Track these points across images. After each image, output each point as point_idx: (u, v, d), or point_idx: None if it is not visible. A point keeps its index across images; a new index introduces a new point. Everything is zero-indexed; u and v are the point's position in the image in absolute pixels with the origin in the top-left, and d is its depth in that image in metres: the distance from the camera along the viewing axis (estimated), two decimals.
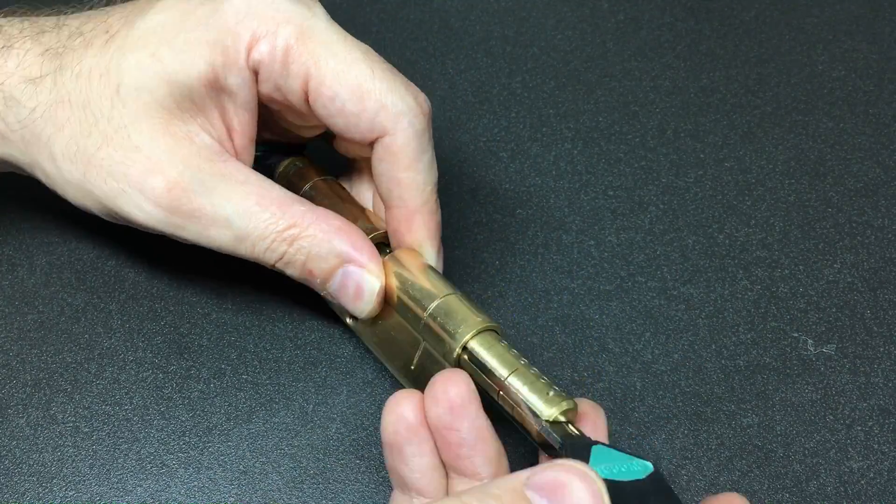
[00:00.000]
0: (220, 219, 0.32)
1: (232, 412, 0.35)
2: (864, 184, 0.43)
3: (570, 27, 0.49)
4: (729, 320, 0.38)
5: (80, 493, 0.33)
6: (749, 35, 0.49)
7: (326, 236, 0.32)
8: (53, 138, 0.32)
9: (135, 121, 0.31)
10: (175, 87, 0.31)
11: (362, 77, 0.32)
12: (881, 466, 0.34)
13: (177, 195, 0.31)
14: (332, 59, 0.32)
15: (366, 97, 0.32)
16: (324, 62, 0.31)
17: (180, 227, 0.32)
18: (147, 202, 0.31)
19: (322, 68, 0.31)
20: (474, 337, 0.31)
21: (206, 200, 0.31)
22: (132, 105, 0.31)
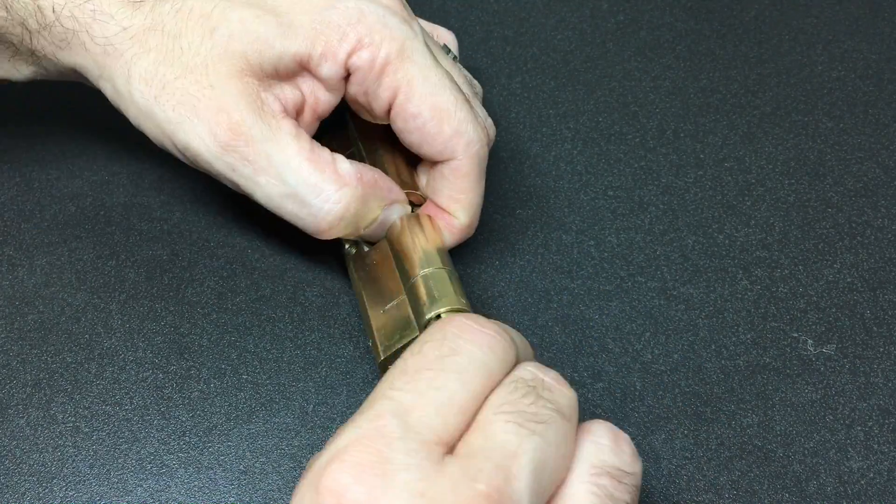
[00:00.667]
0: (272, 169, 0.33)
1: (232, 412, 0.35)
2: (863, 184, 0.43)
3: (570, 27, 0.49)
4: (729, 320, 0.38)
5: (80, 493, 0.33)
6: (749, 35, 0.49)
7: (372, 191, 0.35)
8: (136, 59, 0.34)
9: (217, 62, 0.33)
10: (267, 52, 0.33)
11: (447, 104, 0.34)
12: (881, 466, 0.34)
13: (236, 135, 0.33)
14: (424, 83, 0.34)
15: (446, 122, 0.34)
16: (416, 83, 0.34)
17: (231, 168, 0.34)
18: (208, 135, 0.33)
19: (413, 88, 0.34)
20: (448, 312, 0.32)
21: (262, 147, 0.33)
22: (220, 48, 0.33)
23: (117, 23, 0.34)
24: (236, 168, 0.34)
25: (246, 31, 0.33)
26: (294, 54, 0.34)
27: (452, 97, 0.34)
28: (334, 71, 0.34)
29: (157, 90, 0.34)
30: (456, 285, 0.34)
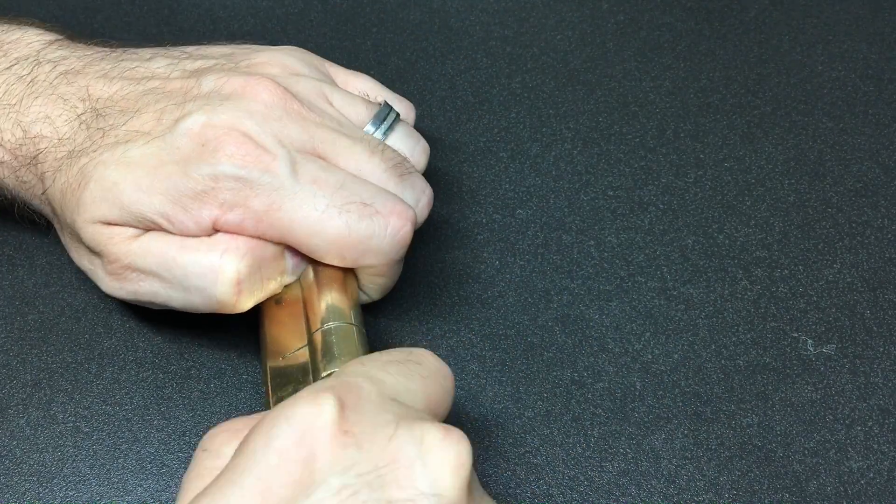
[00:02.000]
0: (157, 277, 0.33)
1: (232, 412, 0.35)
2: (863, 184, 0.43)
3: (570, 27, 0.49)
4: (729, 320, 0.38)
5: (80, 493, 0.33)
6: (749, 35, 0.49)
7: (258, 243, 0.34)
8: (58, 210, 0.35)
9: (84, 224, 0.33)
10: (125, 212, 0.33)
11: (338, 232, 0.32)
12: (881, 466, 0.34)
13: (118, 266, 0.33)
14: (303, 224, 0.32)
15: (345, 250, 0.33)
16: (296, 228, 0.32)
17: (135, 294, 0.34)
18: (104, 275, 0.34)
19: (295, 234, 0.32)
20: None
21: (139, 264, 0.33)
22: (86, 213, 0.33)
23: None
24: (138, 292, 0.34)
25: (106, 197, 0.33)
26: (150, 216, 0.33)
27: (342, 224, 0.32)
28: (203, 229, 0.33)
29: (70, 249, 0.36)
30: (361, 343, 0.32)
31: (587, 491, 0.34)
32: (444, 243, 0.40)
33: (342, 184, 0.33)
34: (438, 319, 0.38)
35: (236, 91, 0.34)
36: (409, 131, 0.38)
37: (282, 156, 0.32)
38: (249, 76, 0.34)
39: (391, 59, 0.47)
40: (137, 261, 0.33)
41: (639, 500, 0.34)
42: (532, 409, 0.36)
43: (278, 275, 0.34)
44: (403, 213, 0.33)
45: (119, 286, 0.34)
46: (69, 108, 0.35)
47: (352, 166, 0.34)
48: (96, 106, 0.34)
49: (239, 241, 0.33)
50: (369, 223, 0.33)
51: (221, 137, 0.32)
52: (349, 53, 0.47)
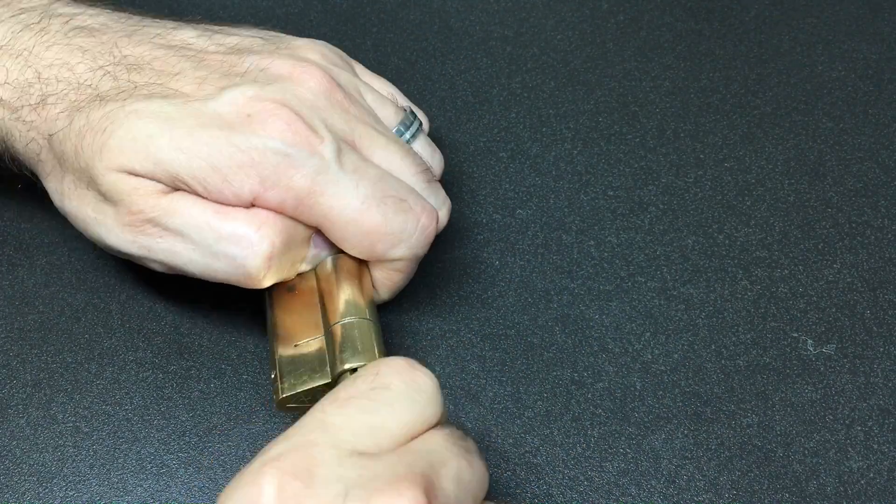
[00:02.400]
0: (186, 237, 0.32)
1: (232, 412, 0.35)
2: (863, 184, 0.43)
3: (570, 27, 0.49)
4: (729, 320, 0.38)
5: (80, 493, 0.33)
6: (749, 35, 0.49)
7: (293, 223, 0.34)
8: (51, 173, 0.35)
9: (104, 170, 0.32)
10: (159, 169, 0.32)
11: (373, 224, 0.33)
12: (881, 466, 0.34)
13: (140, 221, 0.32)
14: (343, 212, 0.33)
15: (378, 242, 0.34)
16: (334, 215, 0.33)
17: (149, 250, 0.33)
18: (118, 227, 0.33)
19: (332, 221, 0.33)
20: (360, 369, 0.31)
21: (167, 221, 0.32)
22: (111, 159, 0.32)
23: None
24: (153, 248, 0.33)
25: (136, 150, 0.32)
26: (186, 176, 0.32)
27: (380, 216, 0.33)
28: (242, 201, 0.33)
29: (70, 197, 0.34)
30: (378, 341, 0.32)
31: (587, 491, 0.34)
32: (444, 243, 0.40)
33: (381, 177, 0.34)
34: (438, 319, 0.38)
35: (283, 74, 0.34)
36: (430, 142, 0.38)
37: (329, 140, 0.33)
38: (296, 61, 0.34)
39: (391, 59, 0.47)
40: (163, 217, 0.32)
41: (639, 500, 0.34)
42: (532, 409, 0.36)
43: (300, 260, 0.34)
44: (433, 213, 0.35)
45: (132, 239, 0.33)
46: (91, 58, 0.34)
47: (385, 164, 0.34)
48: (127, 62, 0.34)
49: (276, 217, 0.32)
50: (404, 218, 0.33)
51: (272, 111, 0.32)
52: (349, 53, 0.47)
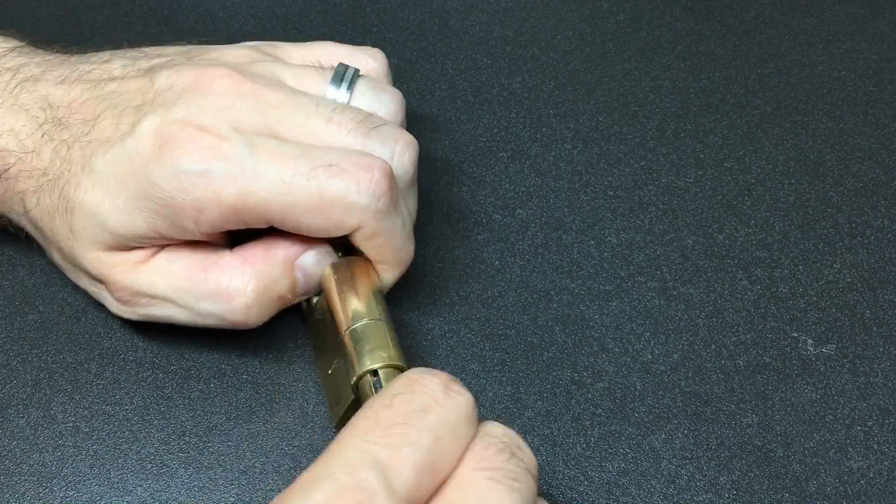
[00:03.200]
0: (169, 302, 0.34)
1: (232, 412, 0.35)
2: (863, 184, 0.43)
3: (570, 27, 0.49)
4: (729, 320, 0.38)
5: (80, 493, 0.33)
6: (749, 35, 0.49)
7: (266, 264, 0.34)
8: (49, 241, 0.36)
9: (83, 251, 0.34)
10: (117, 236, 0.33)
11: (310, 200, 0.32)
12: (881, 466, 0.34)
13: (127, 294, 0.34)
14: (279, 198, 0.32)
15: (326, 216, 0.32)
16: (274, 205, 0.32)
17: (148, 317, 0.35)
18: (112, 301, 0.35)
19: (275, 211, 0.32)
20: (384, 369, 0.31)
21: (147, 290, 0.34)
22: (81, 240, 0.34)
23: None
24: (151, 314, 0.34)
25: (92, 225, 0.33)
26: (140, 234, 0.33)
27: (313, 188, 0.32)
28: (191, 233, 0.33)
29: (67, 271, 0.37)
30: (390, 336, 0.32)
31: (587, 491, 0.34)
32: (444, 243, 0.40)
33: (302, 152, 0.32)
34: (438, 319, 0.38)
35: (189, 84, 0.33)
36: (373, 85, 0.36)
37: (237, 140, 0.32)
38: (202, 68, 0.34)
39: (391, 58, 0.47)
40: (148, 288, 0.34)
41: (639, 500, 0.34)
42: (532, 409, 0.36)
43: (288, 291, 0.34)
44: (370, 164, 0.32)
45: (130, 310, 0.35)
46: (31, 119, 0.34)
47: (308, 137, 0.33)
48: (57, 115, 0.34)
49: (245, 266, 0.33)
50: (338, 182, 0.32)
51: (178, 133, 0.32)
52: None
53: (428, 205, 0.41)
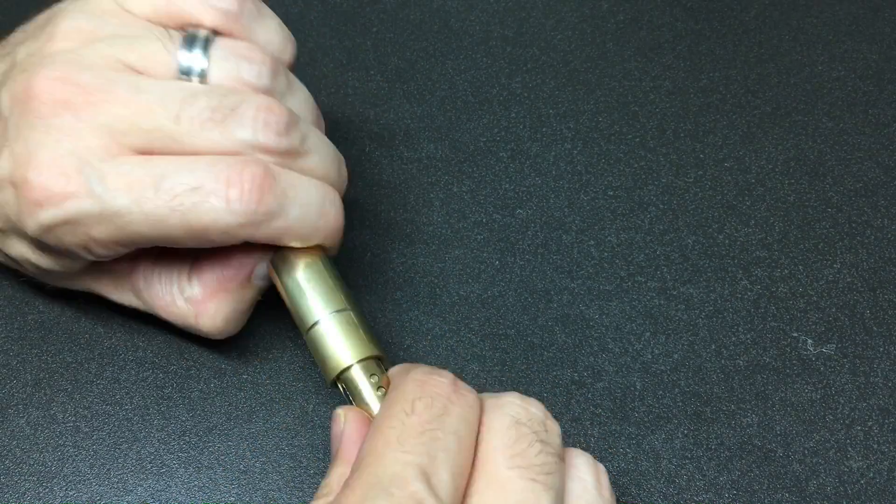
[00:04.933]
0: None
1: (232, 412, 0.35)
2: (863, 184, 0.43)
3: (570, 27, 0.49)
4: (729, 320, 0.38)
5: (80, 492, 0.33)
6: (749, 35, 0.49)
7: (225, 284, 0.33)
8: None
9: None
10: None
11: (185, 232, 0.30)
12: (881, 466, 0.34)
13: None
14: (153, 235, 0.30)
15: (207, 238, 0.30)
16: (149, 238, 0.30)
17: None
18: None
19: (158, 241, 0.30)
20: (341, 375, 0.31)
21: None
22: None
23: None
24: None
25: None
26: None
27: (182, 223, 0.29)
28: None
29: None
30: (355, 329, 0.31)
31: None
32: (444, 243, 0.40)
33: (161, 176, 0.29)
34: (438, 319, 0.38)
35: (20, 104, 0.30)
36: (229, 48, 0.31)
37: (87, 176, 0.29)
38: (27, 80, 0.30)
39: (391, 58, 0.47)
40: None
41: (639, 500, 0.34)
42: None
43: (254, 299, 0.34)
44: (235, 174, 0.29)
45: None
46: None
47: (167, 144, 0.30)
48: None
49: (208, 303, 0.32)
50: (207, 209, 0.29)
51: (25, 182, 0.29)
52: (349, 53, 0.47)
53: (428, 205, 0.41)
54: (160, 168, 0.29)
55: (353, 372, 0.31)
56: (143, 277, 0.34)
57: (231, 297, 0.33)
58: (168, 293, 0.33)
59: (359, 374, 0.31)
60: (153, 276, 0.33)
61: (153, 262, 0.33)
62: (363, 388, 0.31)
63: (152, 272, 0.33)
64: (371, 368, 0.31)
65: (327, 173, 0.32)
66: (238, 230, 0.30)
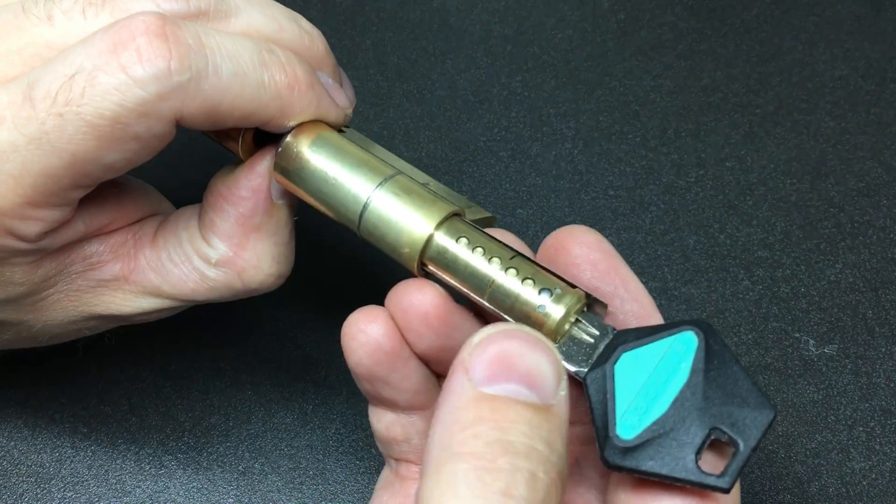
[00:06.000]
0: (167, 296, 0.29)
1: (231, 412, 0.35)
2: (865, 183, 0.43)
3: (571, 26, 0.49)
4: (730, 321, 0.38)
5: (78, 493, 0.33)
6: (750, 34, 0.49)
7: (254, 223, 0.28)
8: None
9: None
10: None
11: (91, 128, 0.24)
12: (883, 467, 0.34)
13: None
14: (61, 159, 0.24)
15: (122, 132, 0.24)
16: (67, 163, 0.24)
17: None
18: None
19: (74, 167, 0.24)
20: (429, 244, 0.25)
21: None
22: None
23: None
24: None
25: None
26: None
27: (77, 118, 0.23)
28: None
29: None
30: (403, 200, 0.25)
31: None
32: None
33: (31, 85, 0.24)
34: None
35: None
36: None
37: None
38: None
39: (391, 57, 0.47)
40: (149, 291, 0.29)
41: None
42: None
43: (280, 213, 0.28)
44: (124, 33, 0.23)
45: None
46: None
47: (47, 55, 0.25)
48: None
49: (243, 254, 0.28)
50: (102, 91, 0.23)
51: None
52: (349, 52, 0.47)
53: None
54: (29, 78, 0.24)
55: (437, 241, 0.25)
56: (150, 269, 0.28)
57: (264, 232, 0.28)
58: (191, 270, 0.28)
59: (446, 241, 0.25)
60: (160, 260, 0.28)
61: (151, 244, 0.29)
62: (458, 254, 0.25)
63: (157, 257, 0.28)
64: (455, 229, 0.25)
65: (272, 35, 0.27)
66: (160, 104, 0.23)
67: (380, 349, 0.25)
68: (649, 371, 0.23)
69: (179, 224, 0.29)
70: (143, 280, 0.28)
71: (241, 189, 0.27)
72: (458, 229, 0.25)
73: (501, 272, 0.24)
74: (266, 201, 0.27)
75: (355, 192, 0.25)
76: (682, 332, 0.23)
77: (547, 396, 0.21)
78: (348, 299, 0.38)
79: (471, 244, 0.25)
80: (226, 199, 0.27)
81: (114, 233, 0.28)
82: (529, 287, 0.24)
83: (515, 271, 0.24)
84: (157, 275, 0.28)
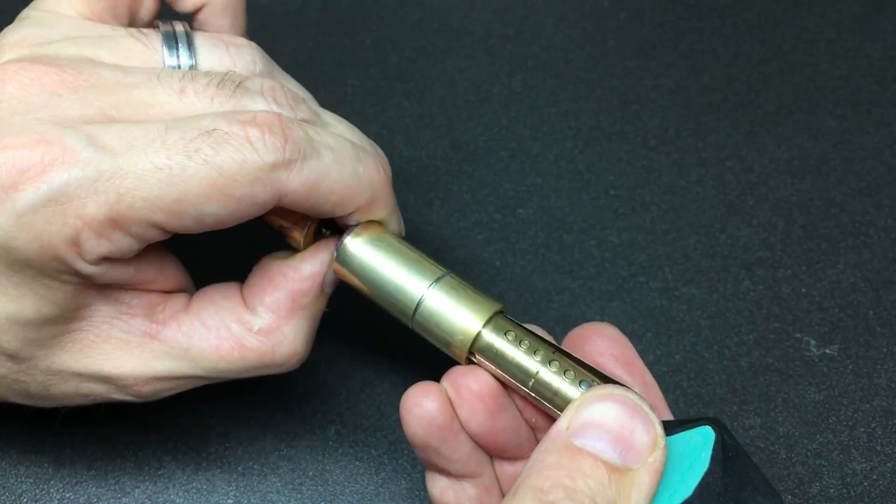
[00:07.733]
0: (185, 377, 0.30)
1: (230, 413, 0.35)
2: (867, 183, 0.43)
3: (571, 25, 0.49)
4: (731, 321, 0.38)
5: (77, 494, 0.33)
6: (751, 34, 0.49)
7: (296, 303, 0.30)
8: None
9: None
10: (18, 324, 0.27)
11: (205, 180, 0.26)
12: (884, 468, 0.34)
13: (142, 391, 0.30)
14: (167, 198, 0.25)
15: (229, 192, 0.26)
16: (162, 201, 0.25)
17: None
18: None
19: (168, 209, 0.25)
20: (478, 338, 0.28)
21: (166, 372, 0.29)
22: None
23: None
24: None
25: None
26: (35, 316, 0.26)
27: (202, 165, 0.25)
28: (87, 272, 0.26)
29: None
30: (453, 298, 0.28)
31: None
32: (444, 243, 0.40)
33: (164, 129, 0.25)
34: None
35: None
36: (212, 39, 0.30)
37: (72, 138, 0.25)
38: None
39: (391, 57, 0.47)
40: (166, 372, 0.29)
41: None
42: None
43: (323, 300, 0.30)
44: (252, 117, 0.26)
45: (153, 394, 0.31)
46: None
47: (165, 113, 0.27)
48: None
49: (282, 325, 0.29)
50: (229, 149, 0.25)
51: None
52: (349, 52, 0.47)
53: (428, 205, 0.41)
54: (161, 126, 0.26)
55: (486, 336, 0.28)
56: (181, 332, 0.29)
57: (307, 313, 0.29)
58: (228, 336, 0.29)
59: (493, 337, 0.27)
60: (193, 324, 0.29)
61: (185, 311, 0.29)
62: (505, 349, 0.27)
63: (190, 321, 0.29)
64: (501, 325, 0.28)
65: (345, 132, 0.30)
66: (270, 173, 0.26)
67: (433, 422, 0.28)
68: (675, 456, 0.25)
69: (216, 294, 0.30)
70: (170, 339, 0.29)
71: (302, 272, 0.29)
72: (503, 326, 0.28)
73: (544, 366, 0.27)
74: (319, 287, 0.30)
75: (412, 290, 0.28)
76: (702, 426, 0.25)
77: (631, 460, 0.24)
78: (348, 300, 0.38)
79: (516, 339, 0.28)
80: (284, 275, 0.29)
81: (151, 293, 0.29)
82: (569, 380, 0.27)
83: (557, 365, 0.27)
84: (187, 338, 0.29)
